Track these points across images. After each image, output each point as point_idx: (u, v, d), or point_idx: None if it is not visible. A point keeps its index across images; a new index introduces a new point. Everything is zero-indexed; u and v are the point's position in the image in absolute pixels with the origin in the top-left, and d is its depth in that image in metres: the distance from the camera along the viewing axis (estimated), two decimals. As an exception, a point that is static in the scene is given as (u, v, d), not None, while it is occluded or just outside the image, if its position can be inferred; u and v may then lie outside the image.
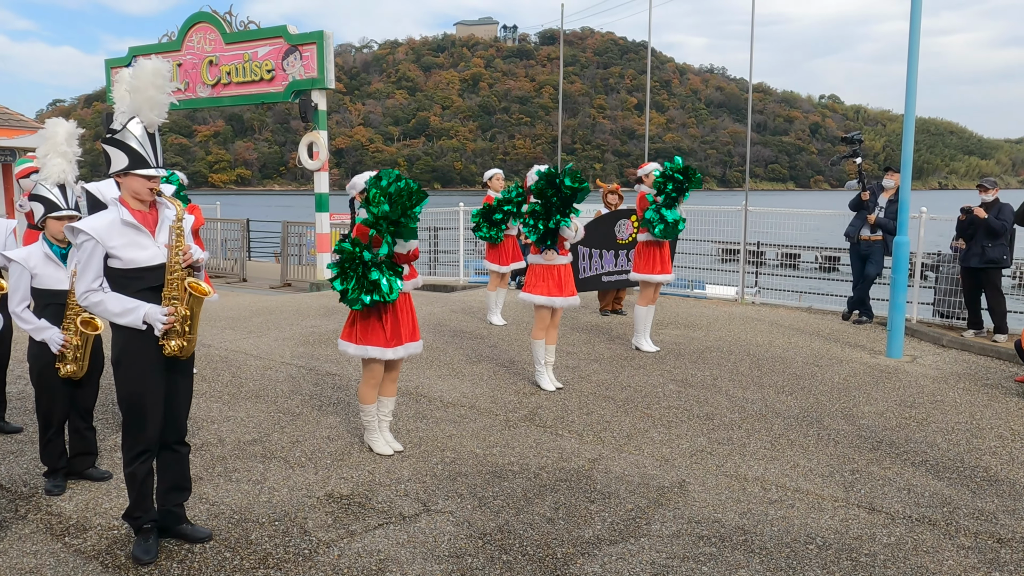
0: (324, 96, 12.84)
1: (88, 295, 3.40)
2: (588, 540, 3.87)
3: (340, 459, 4.92)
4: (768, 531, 3.97)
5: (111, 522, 4.00)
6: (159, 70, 3.40)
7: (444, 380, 6.81)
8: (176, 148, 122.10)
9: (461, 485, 4.52)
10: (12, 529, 3.94)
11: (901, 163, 7.90)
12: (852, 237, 9.40)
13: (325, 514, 4.13)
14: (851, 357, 7.77)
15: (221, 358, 7.54)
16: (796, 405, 6.15)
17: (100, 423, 5.33)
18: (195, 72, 13.86)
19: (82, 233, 3.36)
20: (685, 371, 7.14)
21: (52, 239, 4.28)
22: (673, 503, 4.31)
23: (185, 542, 3.77)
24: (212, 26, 13.66)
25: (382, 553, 3.72)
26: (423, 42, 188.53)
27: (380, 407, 5.05)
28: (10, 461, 4.86)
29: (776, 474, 4.74)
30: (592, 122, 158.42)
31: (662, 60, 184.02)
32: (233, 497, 4.32)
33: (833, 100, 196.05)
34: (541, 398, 6.29)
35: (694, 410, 5.99)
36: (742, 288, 11.32)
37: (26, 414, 5.63)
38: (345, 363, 7.30)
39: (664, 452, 5.10)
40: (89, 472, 4.54)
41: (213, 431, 5.42)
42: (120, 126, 3.41)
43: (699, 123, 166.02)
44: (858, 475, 4.73)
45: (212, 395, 6.29)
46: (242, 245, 15.07)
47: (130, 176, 3.42)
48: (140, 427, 3.54)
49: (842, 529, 4.01)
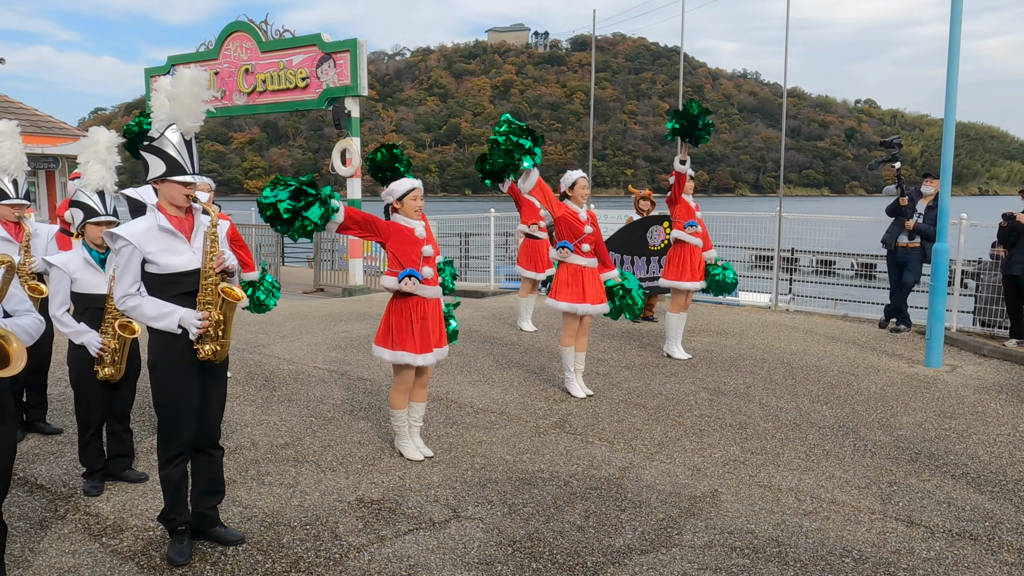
0: (357, 103, 12.96)
1: (126, 299, 3.46)
2: (618, 549, 3.84)
3: (371, 464, 4.95)
4: (803, 543, 3.90)
5: (147, 523, 4.06)
6: (197, 79, 3.46)
7: (474, 386, 6.81)
8: (212, 155, 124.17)
9: (491, 492, 4.51)
10: (52, 528, 4.02)
11: (940, 168, 7.74)
12: (889, 244, 9.23)
13: (356, 519, 4.14)
14: (888, 366, 7.62)
15: (255, 362, 7.63)
16: (831, 415, 6.04)
17: (137, 426, 5.42)
18: (231, 80, 14.09)
19: (120, 239, 3.43)
20: (717, 379, 7.06)
21: (91, 244, 4.37)
22: (705, 513, 4.25)
23: (218, 544, 3.82)
24: (248, 35, 13.88)
25: (412, 559, 3.72)
26: (455, 49, 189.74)
27: (411, 412, 5.07)
28: (50, 462, 4.97)
29: (811, 485, 4.66)
30: (623, 128, 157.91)
31: (694, 65, 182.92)
32: (265, 500, 4.36)
33: (869, 104, 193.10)
34: (571, 405, 6.26)
35: (727, 419, 5.92)
36: (776, 295, 11.18)
37: (66, 416, 5.75)
38: (376, 368, 7.34)
39: (696, 461, 5.04)
40: (126, 474, 4.62)
41: (246, 434, 5.48)
42: (158, 133, 3.47)
43: (732, 128, 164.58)
44: (896, 487, 4.63)
45: (245, 399, 6.37)
46: (276, 250, 15.25)
47: (167, 183, 3.48)
48: (174, 430, 3.59)
49: (879, 543, 3.93)
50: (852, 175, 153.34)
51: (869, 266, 15.58)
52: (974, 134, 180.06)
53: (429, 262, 4.81)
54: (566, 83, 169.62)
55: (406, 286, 4.70)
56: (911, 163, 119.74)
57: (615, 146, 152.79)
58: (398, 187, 4.84)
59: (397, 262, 4.75)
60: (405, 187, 4.81)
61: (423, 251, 4.78)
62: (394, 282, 4.74)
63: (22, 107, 14.50)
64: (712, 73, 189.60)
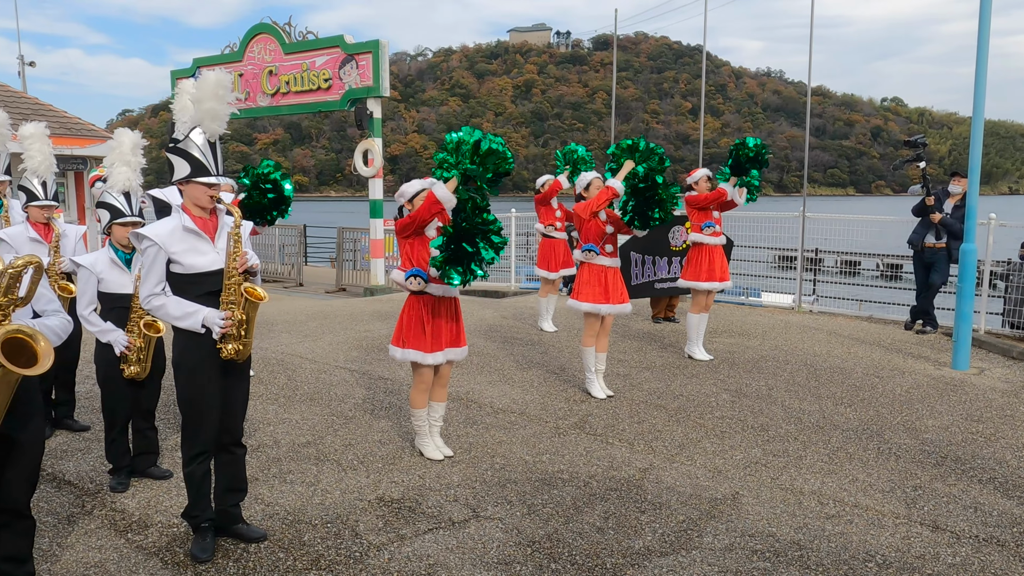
0: (379, 104, 13.02)
1: (151, 299, 3.51)
2: (638, 551, 3.82)
3: (391, 463, 4.97)
4: (825, 547, 3.87)
5: (171, 520, 4.12)
6: (221, 82, 3.50)
7: (494, 386, 6.82)
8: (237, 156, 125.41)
9: (510, 492, 4.52)
10: (79, 524, 4.09)
11: (969, 167, 7.62)
12: (916, 244, 9.11)
13: (376, 517, 4.17)
14: (914, 368, 7.52)
15: (277, 361, 7.70)
16: (855, 417, 5.98)
17: (161, 423, 5.49)
18: (255, 82, 14.22)
19: (146, 239, 3.48)
20: (739, 380, 7.01)
21: (117, 245, 4.44)
22: (726, 516, 4.23)
23: (241, 541, 3.86)
24: (272, 37, 13.99)
25: (431, 558, 3.74)
26: (476, 49, 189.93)
27: (431, 412, 5.09)
28: (78, 458, 5.05)
29: (834, 488, 4.61)
30: (645, 127, 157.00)
31: (717, 64, 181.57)
32: (287, 498, 4.40)
33: (896, 103, 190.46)
34: (591, 406, 6.25)
35: (748, 421, 5.87)
36: (799, 296, 11.07)
37: (93, 413, 5.84)
38: (397, 368, 7.37)
39: (717, 463, 5.01)
40: (151, 471, 4.69)
41: (268, 433, 5.54)
42: (183, 136, 3.52)
43: (755, 127, 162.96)
44: (921, 491, 4.57)
45: (268, 397, 6.43)
46: (299, 250, 15.38)
47: (191, 184, 3.53)
48: (198, 429, 3.64)
49: (903, 547, 3.88)
50: (878, 174, 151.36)
51: (895, 267, 15.37)
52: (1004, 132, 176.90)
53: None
54: (588, 83, 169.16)
55: (411, 285, 4.74)
56: (938, 162, 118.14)
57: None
58: (409, 188, 4.90)
59: (409, 260, 4.81)
60: (415, 188, 4.87)
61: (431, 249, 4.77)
62: (401, 277, 4.80)
63: (51, 109, 14.74)
64: (735, 72, 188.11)
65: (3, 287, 2.74)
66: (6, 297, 2.75)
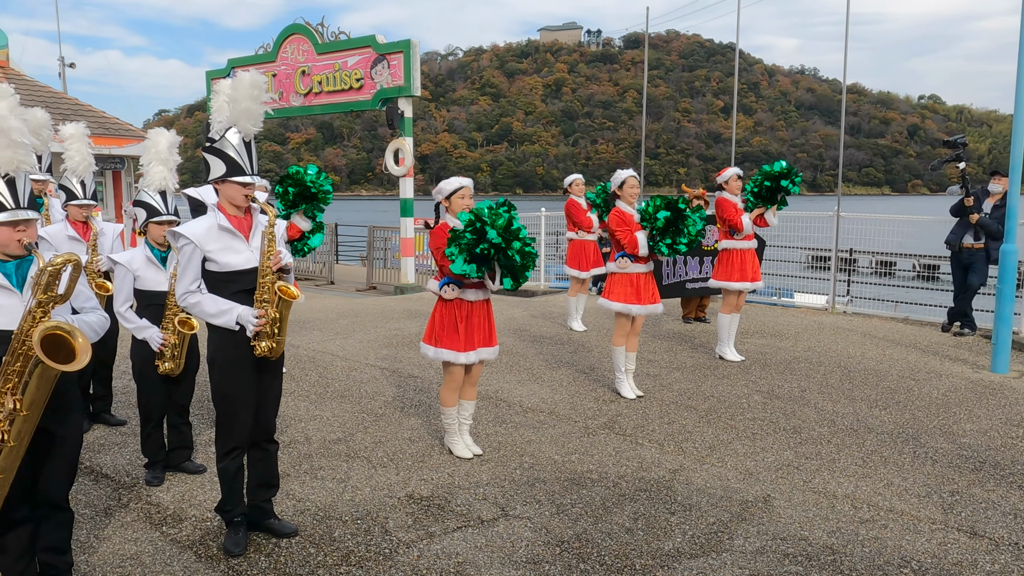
0: (410, 103, 13.09)
1: (187, 296, 3.57)
2: (668, 553, 3.80)
3: (421, 461, 5.00)
4: (859, 552, 3.81)
5: (204, 514, 4.18)
6: (256, 82, 3.54)
7: (523, 385, 6.82)
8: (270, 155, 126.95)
9: (539, 491, 4.52)
10: (115, 516, 4.17)
11: (1009, 166, 7.45)
12: (954, 245, 8.92)
13: (405, 515, 4.19)
14: (951, 371, 7.37)
15: (308, 358, 7.78)
16: (890, 420, 5.87)
17: (196, 419, 5.57)
18: (289, 82, 14.38)
19: (182, 237, 3.53)
20: (771, 382, 6.93)
21: (153, 243, 4.51)
22: (757, 518, 4.18)
23: (272, 536, 3.90)
24: (305, 37, 14.14)
25: (460, 556, 3.75)
26: (507, 48, 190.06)
27: (460, 410, 5.11)
28: (114, 452, 5.15)
29: (868, 492, 4.54)
30: (676, 126, 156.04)
31: (750, 62, 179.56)
32: (318, 494, 4.44)
33: (934, 100, 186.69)
34: (621, 406, 6.22)
35: (780, 423, 5.80)
36: (833, 297, 10.91)
37: (130, 408, 5.95)
38: (427, 366, 7.41)
39: (748, 465, 4.96)
40: (185, 465, 4.76)
41: (300, 429, 5.59)
42: (218, 135, 3.57)
43: (788, 126, 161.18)
44: (958, 497, 4.48)
45: (300, 394, 6.50)
46: (330, 249, 15.52)
47: (227, 183, 3.57)
48: (232, 424, 3.69)
49: (940, 553, 3.81)
50: (915, 173, 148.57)
51: (932, 267, 15.07)
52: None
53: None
54: (618, 81, 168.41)
55: (446, 294, 4.78)
56: (977, 160, 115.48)
57: (668, 144, 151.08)
58: (447, 185, 4.90)
59: (443, 269, 4.82)
60: (453, 185, 4.87)
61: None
62: (436, 287, 4.88)
63: (91, 109, 15.04)
64: (768, 70, 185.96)
65: (43, 284, 2.80)
66: (46, 294, 2.80)
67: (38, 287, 2.79)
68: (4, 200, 2.88)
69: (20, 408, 2.75)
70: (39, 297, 2.79)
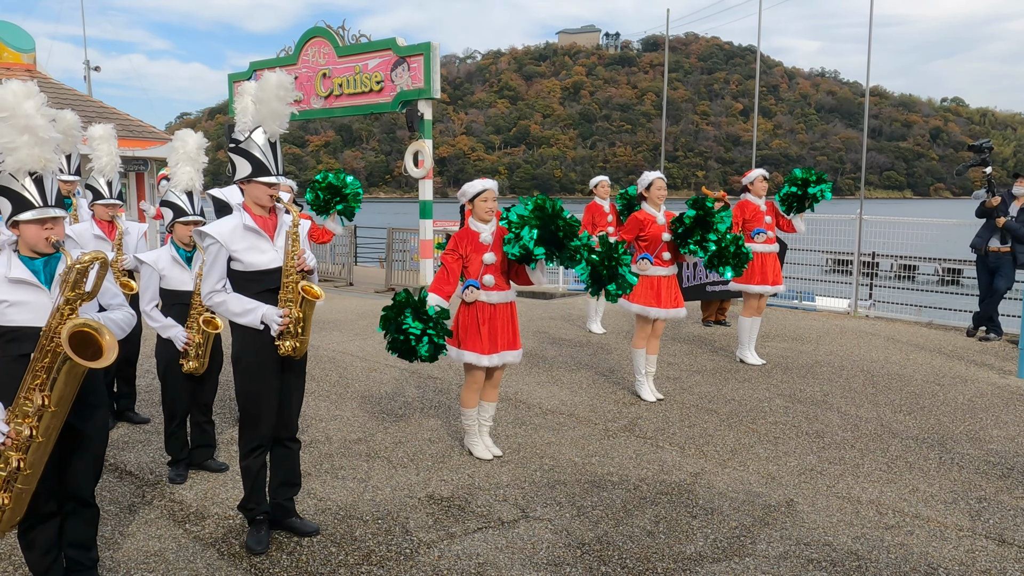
0: (430, 106, 13.13)
1: (212, 295, 3.59)
2: (689, 556, 3.77)
3: (441, 461, 5.00)
4: (884, 558, 3.76)
5: (227, 511, 4.21)
6: (283, 83, 3.57)
7: (543, 387, 6.81)
8: (290, 158, 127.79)
9: (560, 493, 4.50)
10: (139, 513, 4.20)
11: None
12: (979, 248, 8.81)
13: (426, 515, 4.20)
14: (977, 376, 7.28)
15: (329, 359, 7.81)
16: (915, 426, 5.80)
17: (219, 418, 5.61)
18: (309, 84, 14.48)
19: (208, 237, 3.56)
20: (793, 386, 6.87)
21: (179, 243, 4.55)
22: (780, 523, 4.14)
23: (294, 535, 3.92)
24: (326, 40, 14.23)
25: (481, 557, 3.74)
26: (525, 51, 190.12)
27: (481, 412, 5.10)
28: (138, 450, 5.20)
29: (893, 498, 4.48)
30: (695, 129, 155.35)
31: (770, 64, 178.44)
32: (339, 494, 4.46)
33: (957, 103, 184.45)
34: (641, 409, 6.19)
35: (803, 427, 5.75)
36: (855, 300, 10.81)
37: (153, 406, 6.00)
38: (447, 367, 7.41)
39: (770, 469, 4.92)
40: (208, 463, 4.79)
41: (321, 429, 5.62)
42: (244, 136, 3.59)
43: (808, 129, 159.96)
44: (986, 503, 4.42)
45: (320, 394, 6.52)
46: (349, 250, 15.59)
47: (252, 183, 3.60)
48: (255, 423, 3.71)
49: (967, 561, 3.75)
50: (937, 177, 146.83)
51: (956, 271, 14.90)
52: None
53: (490, 270, 4.81)
54: (637, 84, 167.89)
55: (467, 297, 4.79)
56: (1002, 164, 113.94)
57: (687, 147, 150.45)
58: (470, 188, 4.89)
59: (464, 271, 4.88)
60: (477, 188, 4.86)
61: (484, 258, 4.79)
62: (457, 291, 4.89)
63: (115, 112, 15.21)
64: (788, 72, 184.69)
65: (71, 282, 2.83)
66: (74, 291, 2.84)
67: (66, 284, 2.83)
68: (32, 198, 2.92)
69: (48, 404, 2.79)
70: (67, 294, 2.83)
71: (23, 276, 2.94)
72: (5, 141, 2.86)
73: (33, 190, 2.93)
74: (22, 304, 2.92)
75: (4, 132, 2.86)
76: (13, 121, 2.85)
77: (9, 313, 2.91)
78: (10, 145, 2.86)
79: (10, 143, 2.86)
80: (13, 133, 2.86)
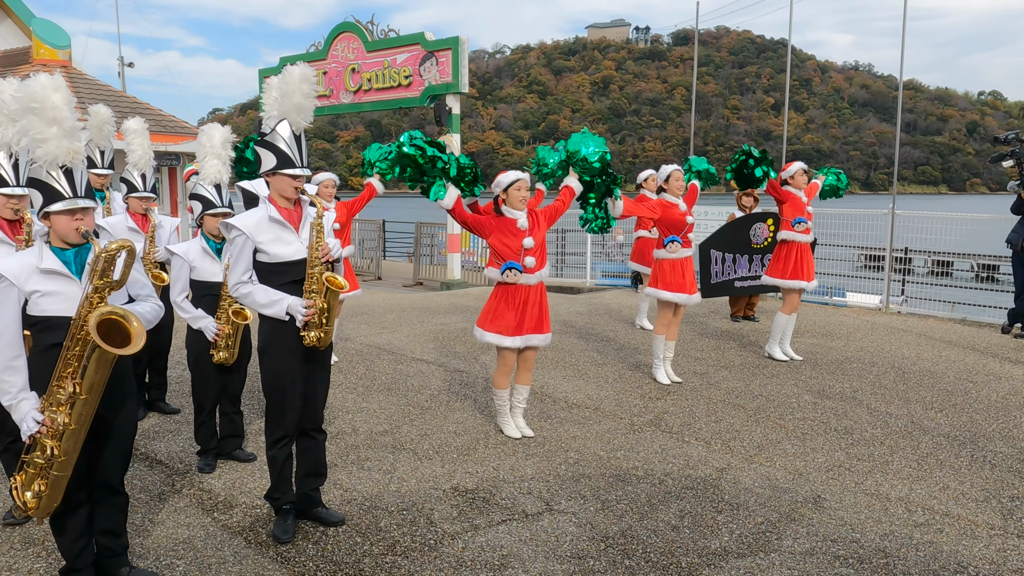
0: (458, 100, 13.16)
1: (239, 286, 3.64)
2: (715, 551, 3.75)
3: (466, 454, 5.02)
4: (913, 556, 3.70)
5: (254, 501, 4.26)
6: (306, 76, 3.60)
7: (569, 381, 6.80)
8: (320, 152, 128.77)
9: (584, 487, 4.50)
10: (169, 502, 4.28)
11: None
12: (1015, 244, 8.61)
13: (451, 507, 4.21)
14: (1012, 374, 7.12)
15: (356, 351, 7.87)
16: (947, 423, 5.70)
17: (247, 408, 5.69)
18: (339, 79, 14.58)
19: (235, 228, 3.60)
20: (822, 382, 6.79)
21: (209, 235, 4.61)
22: (807, 519, 4.09)
23: (320, 525, 3.96)
24: (355, 35, 14.32)
25: (505, 549, 3.75)
26: (554, 46, 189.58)
27: (514, 394, 5.29)
28: (168, 439, 5.28)
29: (923, 495, 4.41)
30: (726, 123, 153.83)
31: (802, 58, 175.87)
32: (365, 485, 4.49)
33: (994, 97, 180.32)
34: (667, 403, 6.16)
35: (831, 423, 5.68)
36: (887, 296, 10.64)
37: (183, 397, 6.10)
38: (472, 360, 7.43)
39: (798, 465, 4.86)
40: (236, 453, 4.86)
41: (348, 420, 5.67)
42: (269, 129, 3.63)
43: (841, 123, 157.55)
44: (1019, 502, 4.32)
45: (347, 386, 6.58)
46: (378, 245, 15.70)
47: (277, 175, 3.63)
48: (281, 414, 3.75)
49: (999, 560, 3.68)
50: (973, 171, 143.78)
51: (991, 267, 14.61)
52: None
53: (531, 252, 4.98)
54: (667, 78, 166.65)
55: (507, 278, 4.92)
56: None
57: (717, 142, 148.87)
58: (504, 179, 5.04)
59: (498, 255, 4.95)
60: (510, 179, 5.01)
61: (524, 243, 4.96)
62: (497, 273, 5.01)
63: (148, 108, 15.46)
64: (821, 66, 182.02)
65: (99, 270, 2.88)
66: (102, 279, 2.89)
67: (94, 273, 2.88)
68: (62, 189, 2.98)
69: (80, 392, 2.84)
70: (95, 283, 2.88)
71: (54, 267, 2.99)
72: (35, 132, 2.93)
73: (63, 181, 2.98)
74: (54, 294, 2.98)
75: (34, 124, 2.92)
76: (42, 112, 2.91)
77: (41, 303, 2.97)
78: (39, 136, 2.93)
79: (39, 135, 2.92)
80: (42, 125, 2.92)
